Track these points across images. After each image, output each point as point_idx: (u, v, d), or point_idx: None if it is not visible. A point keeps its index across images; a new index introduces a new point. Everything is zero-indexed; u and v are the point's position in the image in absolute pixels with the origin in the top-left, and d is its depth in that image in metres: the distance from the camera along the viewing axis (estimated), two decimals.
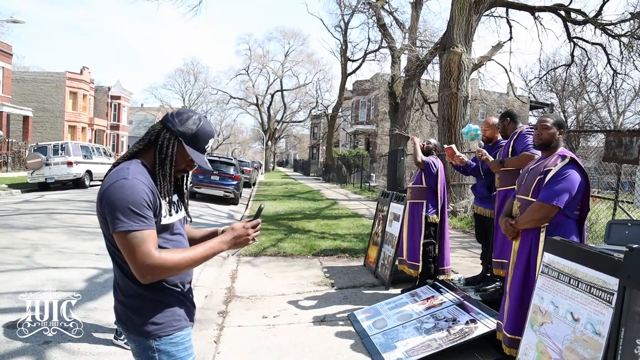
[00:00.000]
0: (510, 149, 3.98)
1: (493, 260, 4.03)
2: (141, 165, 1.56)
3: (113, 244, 1.51)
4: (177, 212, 1.66)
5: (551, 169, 2.82)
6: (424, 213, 4.73)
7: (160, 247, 1.50)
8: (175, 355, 1.58)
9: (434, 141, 5.16)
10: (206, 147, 1.64)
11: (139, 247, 1.42)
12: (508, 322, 2.88)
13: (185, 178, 1.76)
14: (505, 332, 2.88)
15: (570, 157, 2.84)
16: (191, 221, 1.85)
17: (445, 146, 4.69)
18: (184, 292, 1.65)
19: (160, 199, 1.54)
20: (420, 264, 4.68)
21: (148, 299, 1.54)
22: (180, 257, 1.48)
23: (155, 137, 1.58)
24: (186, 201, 1.76)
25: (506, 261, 3.75)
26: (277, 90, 53.87)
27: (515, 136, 3.98)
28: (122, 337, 3.31)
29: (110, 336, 3.44)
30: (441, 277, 4.81)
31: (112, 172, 1.53)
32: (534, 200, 2.86)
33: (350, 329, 3.87)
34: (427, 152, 5.02)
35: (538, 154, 3.52)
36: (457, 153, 4.57)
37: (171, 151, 1.57)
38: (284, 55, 53.75)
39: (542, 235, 2.80)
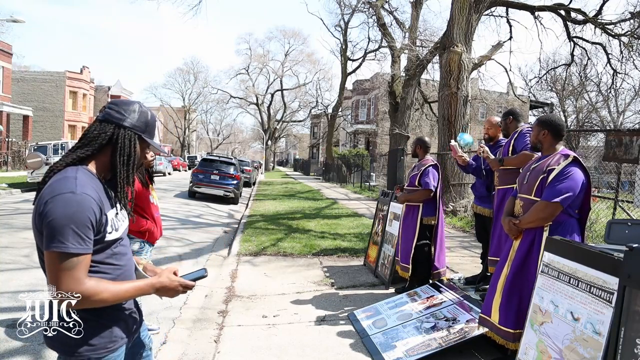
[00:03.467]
0: (510, 148, 3.97)
1: (489, 258, 4.03)
2: (89, 173, 1.40)
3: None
4: (122, 220, 1.53)
5: (554, 168, 2.81)
6: (419, 216, 4.71)
7: (103, 262, 1.40)
8: None
9: (426, 139, 5.04)
10: (155, 131, 1.54)
11: (69, 271, 1.28)
12: (502, 317, 2.91)
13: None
14: (503, 327, 2.90)
15: (574, 156, 2.84)
16: (134, 221, 1.70)
17: (452, 143, 4.69)
18: (126, 303, 1.53)
19: (107, 214, 1.40)
20: (410, 267, 4.67)
21: (83, 317, 1.39)
22: (108, 291, 1.35)
23: (109, 138, 1.44)
24: (124, 201, 1.57)
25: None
26: (277, 90, 53.86)
27: (516, 135, 3.98)
28: None
29: None
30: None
31: (56, 180, 1.35)
32: (537, 199, 2.85)
33: (350, 328, 3.87)
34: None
35: (537, 153, 3.53)
36: (459, 153, 4.57)
37: (134, 149, 1.45)
38: (284, 54, 53.75)
39: (545, 234, 2.80)
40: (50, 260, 1.29)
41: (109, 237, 1.41)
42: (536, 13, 13.57)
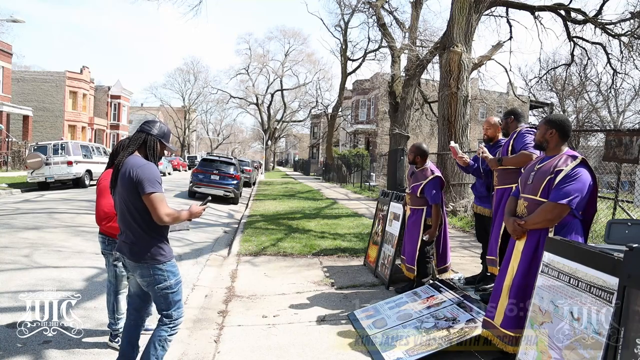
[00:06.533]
0: (509, 148, 3.97)
1: (487, 257, 4.02)
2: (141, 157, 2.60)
3: (135, 206, 2.43)
4: None
5: (562, 169, 2.80)
6: (424, 217, 4.71)
7: None
8: (175, 273, 2.58)
9: (424, 147, 4.94)
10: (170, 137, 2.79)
11: (162, 201, 2.39)
12: (505, 319, 2.89)
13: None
14: (504, 329, 2.89)
15: (582, 158, 2.83)
16: None
17: (452, 144, 4.68)
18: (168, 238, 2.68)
19: None
20: (415, 268, 4.70)
21: (160, 239, 2.53)
22: (174, 210, 2.48)
23: (144, 141, 2.62)
24: None
25: (499, 259, 3.75)
26: (277, 90, 53.82)
27: (515, 135, 3.97)
28: (116, 340, 3.29)
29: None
30: (439, 276, 4.83)
31: (132, 158, 2.48)
32: (543, 200, 2.83)
33: (350, 328, 3.87)
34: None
35: (536, 153, 3.52)
36: (460, 154, 4.56)
37: (157, 147, 2.66)
38: (284, 54, 53.75)
39: (551, 235, 2.79)
40: (152, 199, 2.39)
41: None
42: (536, 13, 13.56)
